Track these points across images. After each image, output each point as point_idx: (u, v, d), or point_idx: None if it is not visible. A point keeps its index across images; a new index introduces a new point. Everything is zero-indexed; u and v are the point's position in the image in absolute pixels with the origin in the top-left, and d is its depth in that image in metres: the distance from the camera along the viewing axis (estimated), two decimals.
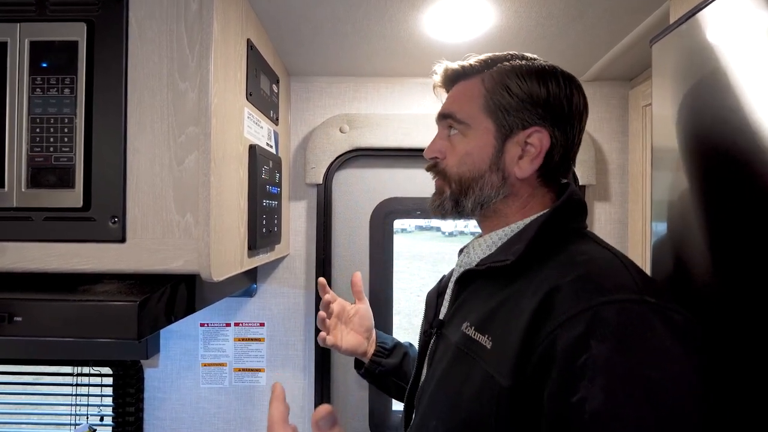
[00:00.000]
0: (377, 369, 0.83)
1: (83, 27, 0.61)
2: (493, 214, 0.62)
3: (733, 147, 0.47)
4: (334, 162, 1.12)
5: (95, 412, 1.17)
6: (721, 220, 0.49)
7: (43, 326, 0.57)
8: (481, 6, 0.79)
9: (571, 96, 0.58)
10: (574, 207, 0.58)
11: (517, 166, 0.58)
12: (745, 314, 0.45)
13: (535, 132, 0.57)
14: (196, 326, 1.15)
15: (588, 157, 1.09)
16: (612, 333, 0.42)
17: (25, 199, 0.61)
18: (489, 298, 0.55)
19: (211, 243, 0.61)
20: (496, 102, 0.58)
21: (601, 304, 0.44)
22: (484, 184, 0.59)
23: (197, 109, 0.62)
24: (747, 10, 0.45)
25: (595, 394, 0.40)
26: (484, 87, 0.59)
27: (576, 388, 0.41)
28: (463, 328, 0.55)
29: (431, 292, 0.75)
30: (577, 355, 0.42)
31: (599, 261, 0.50)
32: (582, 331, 0.43)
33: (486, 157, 0.59)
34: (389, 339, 0.88)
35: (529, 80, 0.57)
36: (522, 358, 0.46)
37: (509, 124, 0.57)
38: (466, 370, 0.52)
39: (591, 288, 0.46)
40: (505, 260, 0.54)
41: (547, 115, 0.57)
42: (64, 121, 0.61)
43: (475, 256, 0.62)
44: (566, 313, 0.45)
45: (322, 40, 0.94)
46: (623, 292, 0.45)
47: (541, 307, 0.47)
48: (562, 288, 0.47)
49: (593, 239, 0.56)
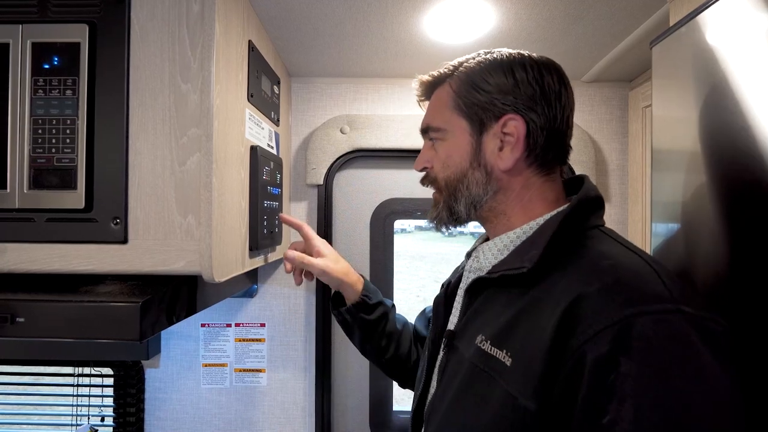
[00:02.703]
0: (351, 319, 0.83)
1: (85, 28, 0.61)
2: (490, 214, 0.59)
3: (733, 149, 0.47)
4: (335, 163, 1.13)
5: (96, 412, 1.17)
6: (722, 222, 0.49)
7: (46, 327, 0.57)
8: (482, 8, 0.79)
9: (541, 77, 0.55)
10: (591, 204, 0.54)
11: (499, 157, 0.56)
12: (758, 317, 0.45)
13: (509, 120, 0.55)
14: (197, 327, 1.15)
15: (588, 157, 1.10)
16: (644, 348, 0.39)
17: (27, 200, 0.61)
18: (504, 308, 0.51)
19: (212, 244, 0.61)
20: (465, 101, 0.57)
21: (633, 316, 0.40)
22: (470, 183, 0.58)
23: (199, 111, 0.62)
24: (747, 13, 0.46)
25: (625, 417, 0.37)
26: (452, 90, 0.59)
27: (605, 409, 0.38)
28: (478, 342, 0.52)
29: (438, 297, 0.71)
30: (606, 373, 0.39)
31: (627, 266, 0.46)
32: (611, 346, 0.39)
33: (465, 155, 0.58)
34: (374, 293, 0.86)
35: (494, 73, 0.56)
36: (548, 377, 0.42)
37: (481, 118, 0.57)
38: (484, 391, 0.48)
39: (620, 298, 0.42)
40: (521, 268, 0.50)
41: (518, 101, 0.55)
42: (66, 122, 0.61)
43: (486, 261, 0.59)
44: (593, 327, 0.41)
45: (323, 42, 0.94)
46: (656, 302, 0.41)
47: (566, 319, 0.43)
48: (588, 298, 0.43)
49: (615, 239, 0.52)
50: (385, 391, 1.16)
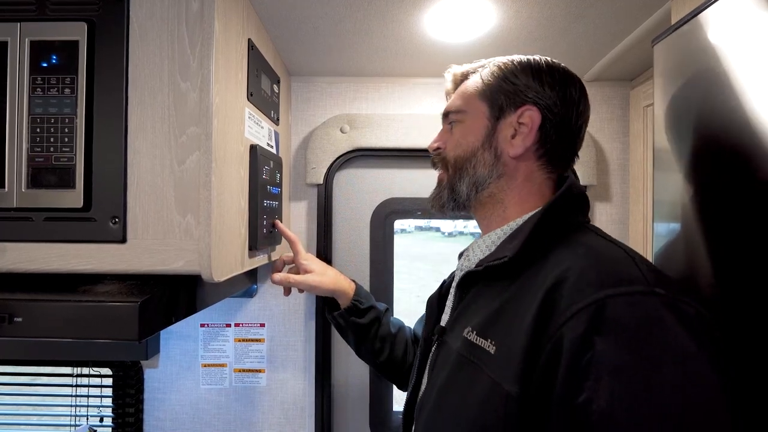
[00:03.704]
0: (344, 323, 0.87)
1: (84, 27, 0.61)
2: (489, 200, 0.61)
3: (734, 147, 0.47)
4: (335, 162, 1.12)
5: (95, 412, 1.17)
6: (723, 221, 0.49)
7: (44, 327, 0.56)
8: (483, 6, 0.79)
9: (565, 86, 0.59)
10: (574, 200, 0.57)
11: (510, 144, 0.59)
12: (754, 316, 0.44)
13: (526, 111, 0.58)
14: (197, 327, 1.15)
15: (589, 157, 1.09)
16: (618, 328, 0.40)
17: (26, 199, 0.61)
18: (491, 300, 0.53)
19: (212, 243, 0.61)
20: (490, 86, 0.61)
21: (607, 297, 0.41)
22: (477, 162, 0.60)
23: (198, 110, 0.62)
24: (748, 11, 0.45)
25: (601, 395, 0.38)
26: (481, 78, 0.62)
27: (581, 388, 0.39)
28: (465, 333, 0.53)
29: (432, 297, 0.73)
30: (581, 353, 0.40)
31: (605, 253, 0.48)
32: (586, 326, 0.41)
33: (480, 136, 0.60)
34: (366, 298, 0.89)
35: (524, 74, 0.59)
36: (528, 362, 0.44)
37: (501, 104, 0.59)
38: (470, 378, 0.50)
39: (595, 281, 0.43)
40: (503, 257, 0.52)
41: (539, 98, 0.58)
42: (65, 121, 0.60)
43: (475, 257, 0.61)
44: (570, 309, 0.42)
45: (323, 40, 0.94)
46: (630, 284, 0.42)
47: (544, 304, 0.45)
48: (565, 282, 0.45)
49: (597, 233, 0.54)
50: (385, 391, 1.16)
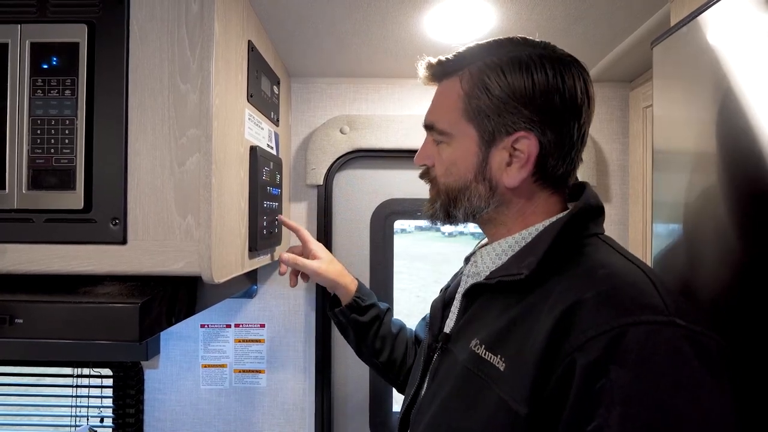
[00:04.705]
0: (344, 320, 0.86)
1: (84, 28, 0.61)
2: (489, 222, 0.59)
3: (735, 150, 0.47)
4: (335, 163, 1.12)
5: (95, 413, 1.17)
6: (724, 222, 0.49)
7: (44, 328, 0.56)
8: (482, 7, 0.79)
9: (562, 83, 0.51)
10: (592, 212, 0.53)
11: (506, 173, 0.53)
12: (754, 317, 0.44)
13: (520, 138, 0.52)
14: (197, 327, 1.15)
15: (588, 158, 1.09)
16: (635, 358, 0.39)
17: (26, 200, 0.61)
18: (500, 314, 0.51)
19: (212, 245, 0.61)
20: (474, 106, 0.53)
21: (625, 326, 0.40)
22: (471, 195, 0.56)
23: (198, 111, 0.62)
24: (748, 13, 0.45)
25: (612, 424, 0.37)
26: (462, 89, 0.55)
27: (592, 415, 0.38)
28: (472, 346, 0.51)
29: (436, 302, 0.70)
30: (594, 380, 0.39)
31: (623, 275, 0.45)
32: (601, 353, 0.39)
33: (471, 167, 0.55)
34: (367, 296, 0.88)
35: (510, 74, 0.51)
36: (539, 382, 0.42)
37: (491, 129, 0.53)
38: (475, 394, 0.48)
39: (614, 306, 0.42)
40: (519, 274, 0.50)
41: (534, 117, 0.51)
42: (65, 122, 0.60)
43: (484, 266, 0.58)
44: (586, 334, 0.41)
45: (323, 42, 0.94)
46: (650, 313, 0.41)
47: (559, 326, 0.43)
48: (582, 305, 0.43)
49: (614, 248, 0.51)
50: (385, 392, 1.16)
